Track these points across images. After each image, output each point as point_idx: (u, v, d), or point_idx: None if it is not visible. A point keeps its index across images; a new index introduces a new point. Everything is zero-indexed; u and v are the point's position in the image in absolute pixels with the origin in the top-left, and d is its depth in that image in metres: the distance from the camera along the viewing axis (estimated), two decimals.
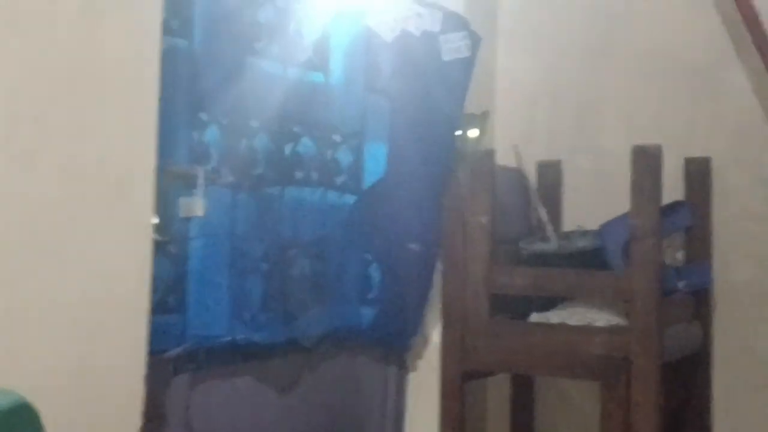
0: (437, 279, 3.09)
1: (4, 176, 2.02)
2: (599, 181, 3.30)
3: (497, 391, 3.35)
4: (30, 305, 2.07)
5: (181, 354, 2.46)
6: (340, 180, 2.97)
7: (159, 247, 2.39)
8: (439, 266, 3.07)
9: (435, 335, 3.15)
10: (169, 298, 2.46)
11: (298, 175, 2.83)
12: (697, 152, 3.15)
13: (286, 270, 2.77)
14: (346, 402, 3.03)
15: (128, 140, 2.29)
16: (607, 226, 2.88)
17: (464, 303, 2.93)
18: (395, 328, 3.11)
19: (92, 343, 2.19)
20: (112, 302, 2.23)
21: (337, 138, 2.96)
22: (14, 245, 2.04)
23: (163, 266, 2.43)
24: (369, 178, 3.06)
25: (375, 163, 3.07)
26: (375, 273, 3.09)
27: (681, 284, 2.91)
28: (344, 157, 2.99)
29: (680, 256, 3.12)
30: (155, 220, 2.33)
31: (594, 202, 3.25)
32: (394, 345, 3.15)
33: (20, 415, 1.54)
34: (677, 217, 3.02)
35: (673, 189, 3.03)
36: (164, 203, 2.42)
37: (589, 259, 2.94)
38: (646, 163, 2.68)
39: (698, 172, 3.12)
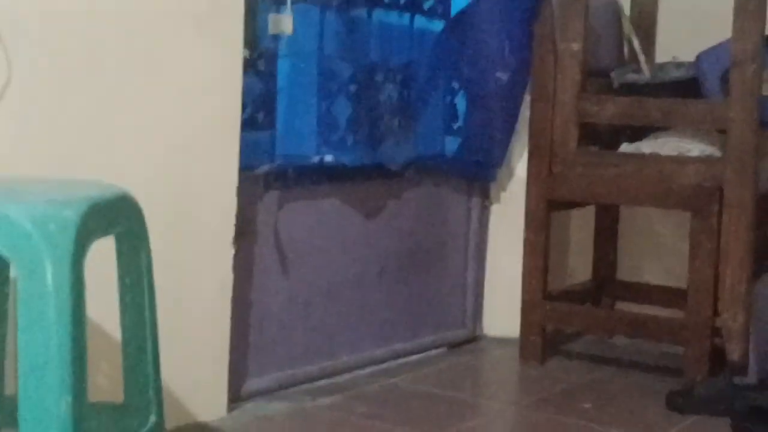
0: (524, 109, 3.03)
1: None
2: (696, 11, 3.15)
3: (581, 224, 3.33)
4: (127, 113, 2.09)
5: (271, 171, 2.48)
6: (428, 4, 2.91)
7: (248, 64, 2.38)
8: (526, 96, 3.02)
9: (520, 168, 3.12)
10: (258, 115, 2.46)
11: None
12: None
13: (374, 94, 2.74)
14: (429, 230, 3.04)
15: None
16: (705, 54, 2.77)
17: (552, 133, 2.88)
18: (480, 159, 3.08)
19: (187, 153, 2.22)
20: (204, 114, 2.25)
21: None
22: (111, 54, 2.05)
23: (253, 83, 2.42)
24: (457, 3, 2.98)
25: None
26: (461, 102, 3.05)
27: None
28: None
29: None
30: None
31: (689, 33, 3.11)
32: (478, 176, 3.13)
33: (124, 203, 1.57)
34: None
35: None
36: (254, 19, 2.39)
37: (683, 90, 2.85)
38: None
39: None
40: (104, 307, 1.71)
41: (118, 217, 1.56)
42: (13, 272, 1.66)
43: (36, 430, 1.36)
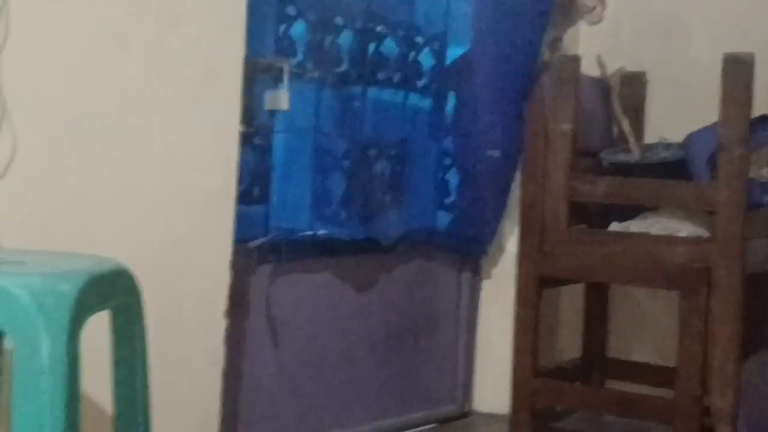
0: (515, 186, 3.08)
1: (98, 59, 2.05)
2: (684, 93, 3.23)
3: (571, 301, 3.35)
4: (122, 185, 2.12)
5: (264, 244, 2.50)
6: (421, 83, 2.96)
7: (245, 139, 2.41)
8: (518, 174, 3.06)
9: (510, 244, 3.15)
10: (253, 189, 2.49)
11: (381, 75, 2.83)
12: None
13: (367, 169, 2.78)
14: (420, 305, 3.06)
15: (217, 29, 2.31)
16: (693, 136, 2.83)
17: (543, 211, 2.91)
18: (471, 235, 3.11)
19: (183, 225, 2.24)
20: (201, 187, 2.27)
21: (419, 40, 2.94)
22: (105, 124, 2.08)
23: (249, 158, 2.46)
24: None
25: None
26: (453, 178, 3.09)
27: (766, 199, 2.86)
28: (426, 60, 2.97)
29: (766, 172, 3.05)
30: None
31: (678, 115, 3.18)
32: (469, 251, 3.16)
33: (121, 277, 1.59)
34: (765, 131, 2.94)
35: (761, 103, 2.95)
36: (251, 95, 2.44)
37: (671, 171, 2.90)
38: (738, 71, 2.62)
39: None
40: (96, 379, 1.71)
41: (114, 291, 1.57)
42: (7, 344, 1.66)
43: None
